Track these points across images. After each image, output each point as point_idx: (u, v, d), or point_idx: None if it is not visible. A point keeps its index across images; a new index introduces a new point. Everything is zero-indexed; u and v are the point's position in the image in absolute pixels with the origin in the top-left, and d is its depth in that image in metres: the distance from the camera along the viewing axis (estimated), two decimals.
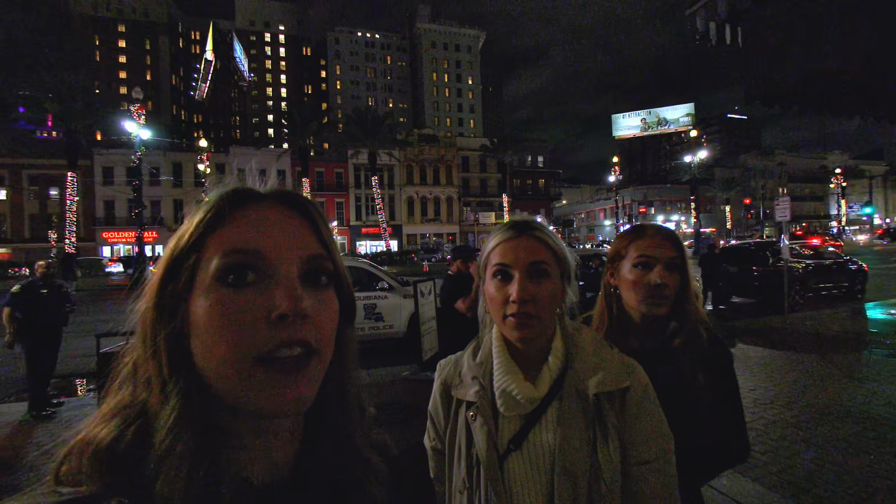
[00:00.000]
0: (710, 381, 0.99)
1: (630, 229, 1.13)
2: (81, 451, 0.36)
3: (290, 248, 0.41)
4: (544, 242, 0.77)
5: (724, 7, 2.99)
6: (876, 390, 4.25)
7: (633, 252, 1.06)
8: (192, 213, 0.43)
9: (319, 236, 0.44)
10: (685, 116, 63.57)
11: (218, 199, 0.42)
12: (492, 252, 0.79)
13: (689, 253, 5.24)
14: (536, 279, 0.75)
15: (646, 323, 1.05)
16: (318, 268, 0.42)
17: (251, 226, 0.40)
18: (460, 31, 79.11)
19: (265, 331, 0.37)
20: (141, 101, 20.05)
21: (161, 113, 66.23)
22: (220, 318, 0.37)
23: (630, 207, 52.83)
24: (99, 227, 38.15)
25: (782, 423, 3.57)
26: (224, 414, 0.39)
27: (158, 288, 0.39)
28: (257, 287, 0.38)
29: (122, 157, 34.39)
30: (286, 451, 0.43)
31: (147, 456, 0.35)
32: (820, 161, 62.61)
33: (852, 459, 2.96)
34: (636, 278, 1.04)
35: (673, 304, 1.02)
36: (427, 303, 5.43)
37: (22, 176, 36.49)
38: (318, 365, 0.40)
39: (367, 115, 35.03)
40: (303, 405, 0.39)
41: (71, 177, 23.83)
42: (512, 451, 0.74)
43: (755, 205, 55.78)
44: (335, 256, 0.45)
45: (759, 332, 6.86)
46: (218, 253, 0.38)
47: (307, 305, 0.39)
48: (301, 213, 0.44)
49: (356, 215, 45.08)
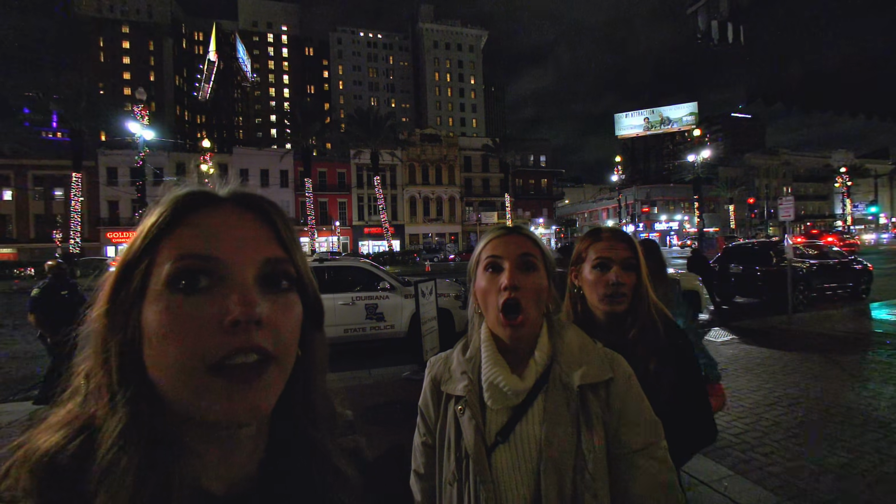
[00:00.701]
0: (665, 368, 1.06)
1: (588, 233, 1.22)
2: (21, 464, 0.34)
3: (245, 251, 0.39)
4: (532, 240, 0.83)
5: (726, 5, 2.97)
6: (881, 391, 4.22)
7: (592, 254, 1.15)
8: (145, 216, 0.41)
9: (280, 239, 0.42)
10: (688, 115, 63.28)
11: (172, 201, 0.40)
12: (483, 249, 0.84)
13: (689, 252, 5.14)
14: (525, 270, 0.79)
15: (608, 320, 1.14)
16: (276, 271, 0.41)
17: (205, 229, 0.39)
18: (462, 31, 79.05)
19: (217, 337, 0.35)
20: (144, 101, 20.16)
21: (164, 113, 66.56)
22: (170, 325, 0.35)
23: (633, 207, 52.64)
24: (103, 228, 38.37)
25: (785, 424, 3.55)
26: (179, 425, 0.37)
27: (110, 294, 0.38)
28: (210, 292, 0.37)
29: (126, 157, 34.55)
30: (250, 461, 0.42)
31: (91, 471, 0.33)
32: (825, 160, 62.18)
33: (856, 462, 2.93)
34: (595, 278, 1.13)
35: (630, 301, 1.11)
36: (428, 303, 5.43)
37: (27, 176, 36.74)
38: (277, 372, 0.39)
39: (370, 115, 35.07)
40: (257, 414, 0.37)
41: (75, 177, 24.01)
42: (500, 444, 0.76)
43: (759, 204, 55.44)
44: (297, 259, 0.43)
45: (762, 333, 6.82)
46: (170, 258, 0.37)
47: (263, 311, 0.37)
48: (260, 216, 0.42)
49: (358, 215, 45.15)
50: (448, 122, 76.04)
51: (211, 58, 75.92)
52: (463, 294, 7.25)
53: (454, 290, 7.17)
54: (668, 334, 1.12)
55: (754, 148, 78.11)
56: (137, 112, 19.85)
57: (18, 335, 9.07)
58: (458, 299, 7.07)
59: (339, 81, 79.22)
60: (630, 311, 1.11)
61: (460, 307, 7.07)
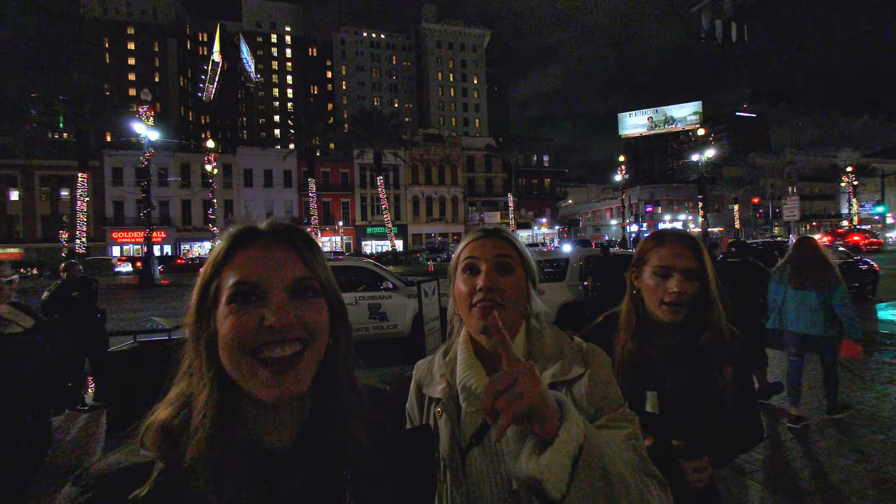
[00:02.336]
0: (737, 374, 1.08)
1: (652, 235, 1.17)
2: (148, 428, 0.50)
3: (279, 273, 0.52)
4: (510, 243, 0.83)
5: (730, 4, 2.96)
6: (886, 392, 4.19)
7: (654, 259, 1.11)
8: (214, 248, 0.56)
9: (305, 261, 0.55)
10: (692, 115, 62.97)
11: (229, 237, 0.54)
12: (462, 251, 0.84)
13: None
14: (502, 272, 0.80)
15: (668, 325, 1.11)
16: (303, 287, 0.54)
17: (251, 262, 0.52)
18: (465, 31, 79.01)
19: (259, 336, 0.49)
20: (149, 102, 20.26)
21: (169, 114, 66.93)
22: (229, 328, 0.49)
23: (637, 207, 52.44)
24: (108, 228, 38.67)
25: (788, 425, 3.53)
26: (245, 399, 0.51)
27: (196, 304, 0.53)
28: (255, 305, 0.50)
29: (131, 158, 34.84)
30: (292, 427, 0.55)
31: (190, 432, 0.48)
32: (830, 159, 61.68)
33: (860, 463, 2.92)
34: (655, 285, 1.10)
35: (693, 309, 1.08)
36: (431, 303, 5.43)
37: (34, 177, 37.09)
38: (310, 356, 0.52)
39: (373, 115, 35.13)
40: (293, 396, 0.51)
41: (81, 178, 24.16)
42: (474, 446, 0.75)
43: (764, 204, 55.10)
44: (320, 275, 0.56)
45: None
46: (229, 282, 0.51)
47: (293, 315, 0.51)
48: (289, 244, 0.55)
49: (361, 215, 45.24)
50: (451, 121, 76.02)
51: (215, 58, 76.30)
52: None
53: None
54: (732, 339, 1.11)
55: (759, 147, 77.61)
56: (142, 113, 19.95)
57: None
58: None
59: (343, 82, 79.38)
60: (694, 318, 1.08)
61: None
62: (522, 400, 0.51)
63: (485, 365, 0.81)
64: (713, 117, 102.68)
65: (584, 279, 7.15)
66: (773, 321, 3.72)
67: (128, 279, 24.63)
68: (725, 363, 1.07)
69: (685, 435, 0.98)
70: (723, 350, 1.07)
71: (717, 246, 10.13)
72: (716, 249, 9.85)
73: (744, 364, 1.14)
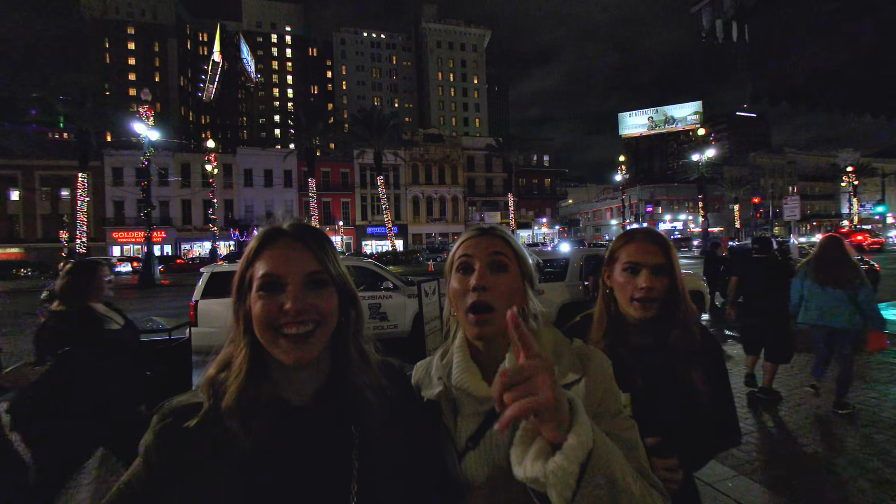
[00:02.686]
0: (703, 373, 1.06)
1: (623, 233, 1.18)
2: (203, 381, 0.67)
3: (296, 267, 0.66)
4: (505, 240, 0.82)
5: (730, 4, 2.96)
6: (887, 392, 4.19)
7: (624, 256, 1.12)
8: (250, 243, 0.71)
9: (317, 258, 0.68)
10: (693, 115, 62.95)
11: (260, 236, 0.70)
12: (457, 250, 0.83)
13: (696, 253, 5.17)
14: (496, 271, 0.78)
15: (639, 323, 1.11)
16: (315, 279, 0.67)
17: (275, 257, 0.66)
18: (465, 31, 78.98)
19: (280, 317, 0.64)
20: (149, 102, 20.26)
21: (169, 114, 66.94)
22: (260, 309, 0.64)
23: (637, 207, 52.40)
24: (109, 227, 38.68)
25: (790, 425, 3.53)
26: (272, 362, 0.66)
27: (236, 290, 0.68)
28: (278, 293, 0.65)
29: (132, 158, 34.84)
30: (309, 387, 0.69)
31: (227, 384, 0.64)
32: (831, 159, 61.62)
33: (862, 463, 2.92)
34: (625, 281, 1.10)
35: (663, 306, 1.08)
36: (431, 302, 5.42)
37: (34, 177, 37.10)
38: (321, 333, 0.66)
39: (373, 115, 35.12)
40: (307, 360, 0.65)
41: (81, 178, 24.15)
42: (470, 449, 0.75)
43: (764, 204, 55.07)
44: (331, 269, 0.69)
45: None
46: (259, 272, 0.66)
47: (308, 302, 0.65)
48: (304, 243, 0.68)
49: (362, 215, 45.23)
50: (451, 121, 76.02)
51: (215, 58, 76.30)
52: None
53: None
54: (703, 336, 1.10)
55: (759, 147, 77.55)
56: (143, 112, 19.95)
57: (24, 334, 9.14)
58: None
59: (343, 81, 79.38)
60: (665, 316, 1.08)
61: None
62: (537, 397, 0.50)
63: (482, 368, 0.79)
64: (713, 117, 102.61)
65: (584, 279, 7.14)
66: (801, 316, 3.90)
67: (126, 279, 24.64)
68: (694, 361, 1.06)
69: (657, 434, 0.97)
70: (691, 348, 1.06)
71: (719, 245, 10.14)
72: (717, 249, 9.88)
73: (718, 362, 1.12)
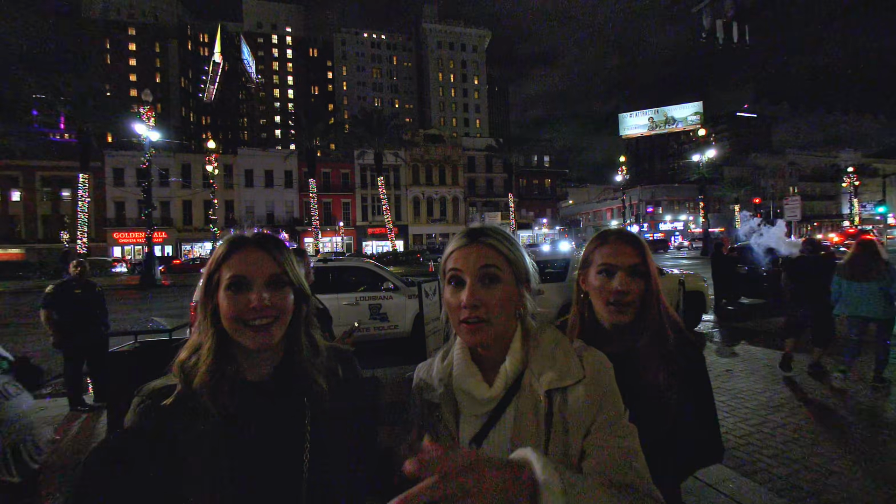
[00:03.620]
0: (673, 381, 1.00)
1: (596, 236, 1.14)
2: (175, 364, 0.76)
3: (260, 270, 0.78)
4: (495, 248, 0.79)
5: (731, 5, 2.96)
6: (889, 393, 4.18)
7: (598, 259, 1.07)
8: (217, 249, 0.81)
9: (278, 262, 0.80)
10: (693, 115, 62.93)
11: (227, 242, 0.81)
12: (447, 260, 0.81)
13: (697, 253, 5.18)
14: (487, 284, 0.77)
15: (615, 328, 1.06)
16: (276, 280, 0.79)
17: (241, 261, 0.78)
18: (466, 31, 79.03)
19: (246, 312, 0.75)
20: (150, 103, 20.28)
21: (170, 115, 67.02)
22: (228, 305, 0.75)
23: (637, 207, 52.40)
24: (110, 228, 38.71)
25: (791, 426, 3.52)
26: (235, 347, 0.78)
27: (205, 286, 0.79)
28: (244, 292, 0.76)
29: (132, 158, 34.88)
30: (267, 367, 0.81)
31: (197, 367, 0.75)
32: (832, 160, 61.58)
33: (862, 464, 2.91)
34: (600, 285, 1.05)
35: (639, 310, 1.03)
36: (432, 303, 5.42)
37: (35, 177, 37.15)
38: (279, 325, 0.78)
39: (374, 116, 35.15)
40: (268, 346, 0.77)
41: (82, 178, 24.17)
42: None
43: (765, 204, 55.01)
44: (289, 271, 0.81)
45: (767, 334, 6.77)
46: (227, 275, 0.77)
47: (268, 300, 0.76)
48: (266, 250, 0.80)
49: (362, 216, 45.25)
50: (452, 122, 76.04)
51: (216, 59, 76.36)
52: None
53: None
54: (680, 345, 1.04)
55: (760, 148, 77.48)
56: (143, 113, 19.98)
57: (27, 333, 9.15)
58: None
59: (343, 82, 79.42)
60: (637, 320, 1.04)
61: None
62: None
63: (482, 369, 0.80)
64: (714, 117, 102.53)
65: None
66: (838, 308, 4.53)
67: (122, 280, 24.63)
68: (666, 370, 0.99)
69: None
70: (657, 354, 1.00)
71: (722, 245, 10.16)
72: (721, 249, 9.90)
73: (696, 373, 1.04)
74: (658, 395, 0.99)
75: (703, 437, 1.04)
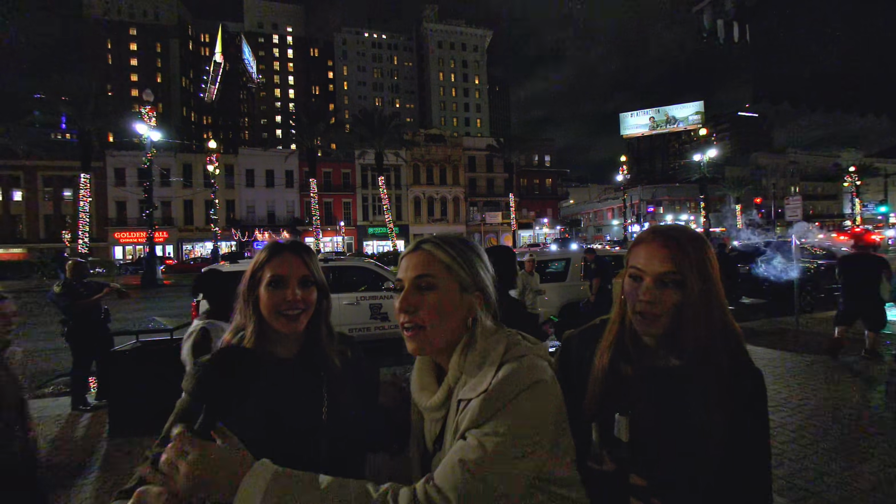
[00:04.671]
0: (716, 415, 0.82)
1: (641, 232, 1.00)
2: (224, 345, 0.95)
3: (294, 272, 0.96)
4: (433, 256, 0.81)
5: (731, 4, 2.96)
6: (889, 393, 4.17)
7: (631, 259, 0.94)
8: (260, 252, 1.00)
9: (307, 266, 0.97)
10: (694, 115, 62.82)
11: (268, 249, 0.99)
12: (399, 266, 0.89)
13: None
14: (422, 291, 0.80)
15: (658, 338, 0.91)
16: (306, 280, 0.97)
17: (280, 264, 0.95)
18: (467, 31, 78.99)
19: (283, 304, 0.93)
20: (151, 103, 20.31)
21: (171, 115, 67.06)
22: (269, 298, 0.93)
23: (638, 207, 52.33)
24: (111, 228, 38.80)
25: (792, 426, 3.52)
26: (270, 330, 0.95)
27: (248, 280, 0.97)
28: (282, 288, 0.94)
29: (134, 158, 34.93)
30: (293, 347, 0.99)
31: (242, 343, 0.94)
32: (833, 159, 61.42)
33: (863, 464, 2.91)
34: (629, 291, 0.92)
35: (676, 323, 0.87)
36: None
37: (37, 177, 37.23)
38: (306, 315, 0.97)
39: (374, 116, 35.14)
40: (298, 330, 0.96)
41: (84, 178, 24.23)
42: (437, 451, 0.81)
43: (766, 204, 54.94)
44: (316, 274, 0.99)
45: (769, 334, 6.77)
46: (268, 274, 0.95)
47: (301, 296, 0.95)
48: (299, 256, 0.97)
49: (363, 215, 45.27)
50: (452, 122, 76.01)
51: (217, 59, 76.42)
52: None
53: None
54: (735, 373, 0.86)
55: (761, 147, 77.35)
56: (145, 113, 20.00)
57: (27, 333, 9.17)
58: None
59: (344, 82, 79.43)
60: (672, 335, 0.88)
61: None
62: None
63: (437, 375, 0.87)
64: (715, 117, 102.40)
65: (591, 279, 7.12)
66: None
67: (122, 280, 24.67)
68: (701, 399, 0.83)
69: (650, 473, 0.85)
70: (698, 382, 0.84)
71: (725, 245, 10.15)
72: (725, 249, 9.89)
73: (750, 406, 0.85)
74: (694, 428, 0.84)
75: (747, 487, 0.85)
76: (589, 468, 0.88)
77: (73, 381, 4.54)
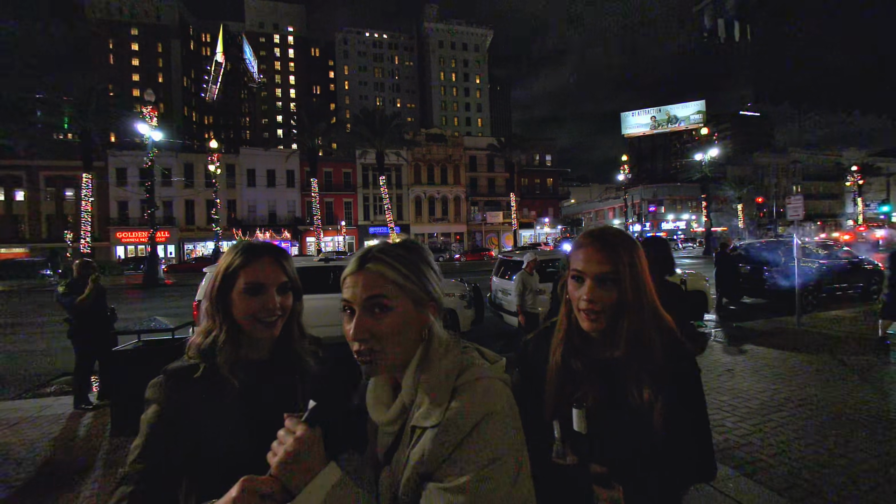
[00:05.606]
0: (657, 396, 0.92)
1: (578, 237, 1.07)
2: (191, 345, 0.94)
3: (272, 278, 0.95)
4: (382, 275, 0.74)
5: (732, 4, 2.96)
6: (889, 392, 4.17)
7: (572, 262, 1.01)
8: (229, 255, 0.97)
9: (285, 271, 0.98)
10: (696, 114, 62.70)
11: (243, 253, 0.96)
12: (342, 285, 0.78)
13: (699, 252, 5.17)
14: (376, 314, 0.73)
15: (600, 332, 1.00)
16: (283, 286, 0.97)
17: (259, 270, 0.94)
18: (468, 31, 78.92)
19: (261, 311, 0.93)
20: (153, 103, 20.33)
21: (173, 115, 67.16)
22: (245, 305, 0.93)
23: (640, 206, 52.26)
24: (113, 228, 38.86)
25: (792, 426, 3.52)
26: (242, 334, 0.94)
27: (220, 285, 0.94)
28: (259, 296, 0.93)
29: (135, 158, 34.96)
30: (265, 349, 0.99)
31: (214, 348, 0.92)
32: (835, 158, 61.27)
33: (863, 463, 2.91)
34: (573, 291, 1.00)
35: (610, 318, 0.96)
36: None
37: (39, 177, 37.30)
38: (283, 318, 0.97)
39: (375, 115, 35.13)
40: (273, 335, 0.96)
41: (86, 178, 24.25)
42: (385, 464, 0.79)
43: (768, 203, 54.79)
44: (293, 278, 1.00)
45: (770, 334, 6.76)
46: (245, 279, 0.93)
47: (279, 302, 0.95)
48: (278, 262, 0.97)
49: (364, 215, 45.28)
50: (453, 121, 75.96)
51: (218, 59, 76.46)
52: (468, 293, 7.26)
53: (459, 289, 7.17)
54: (668, 356, 0.96)
55: (763, 146, 77.14)
56: (146, 113, 20.03)
57: (28, 333, 9.21)
58: (462, 299, 7.08)
59: (345, 82, 79.45)
60: (612, 329, 0.97)
61: (465, 307, 7.08)
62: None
63: (395, 389, 0.81)
64: (717, 116, 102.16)
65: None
66: None
67: (120, 279, 24.73)
68: (649, 382, 0.93)
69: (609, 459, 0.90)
70: (638, 367, 0.94)
71: (726, 245, 10.13)
72: (727, 248, 9.88)
73: (686, 386, 0.96)
74: (640, 410, 0.93)
75: (692, 454, 0.96)
76: (554, 465, 0.93)
77: (76, 380, 4.57)
